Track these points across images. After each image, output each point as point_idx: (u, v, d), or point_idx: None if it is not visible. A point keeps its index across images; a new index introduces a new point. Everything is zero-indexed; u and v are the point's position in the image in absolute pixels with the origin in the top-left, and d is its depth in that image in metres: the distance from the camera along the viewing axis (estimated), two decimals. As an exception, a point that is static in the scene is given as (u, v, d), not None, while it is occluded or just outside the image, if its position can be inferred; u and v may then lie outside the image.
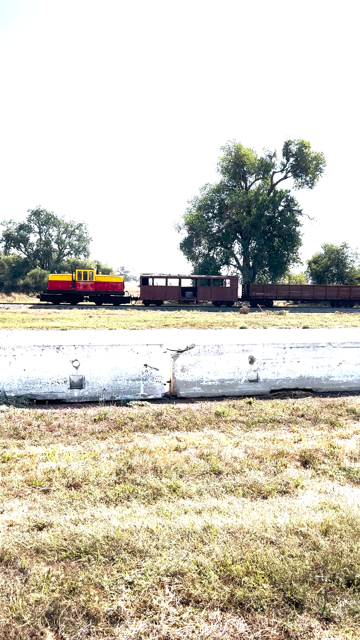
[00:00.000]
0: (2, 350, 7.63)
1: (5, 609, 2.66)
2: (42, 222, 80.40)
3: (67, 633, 2.52)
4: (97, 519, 3.68)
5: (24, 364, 7.66)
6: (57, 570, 3.02)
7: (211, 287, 44.15)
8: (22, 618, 2.59)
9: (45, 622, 2.59)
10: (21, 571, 3.01)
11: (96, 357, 7.93)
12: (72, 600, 2.75)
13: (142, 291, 43.34)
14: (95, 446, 5.43)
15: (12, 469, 4.66)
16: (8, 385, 7.52)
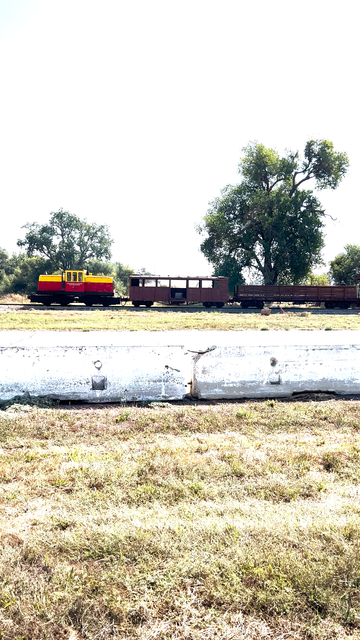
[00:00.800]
0: (26, 351, 7.74)
1: (30, 606, 2.70)
2: (65, 224, 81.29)
3: (90, 632, 2.55)
4: (120, 519, 3.70)
5: (48, 365, 7.75)
6: (80, 570, 3.05)
7: (200, 289, 44.10)
8: (46, 616, 2.63)
9: (69, 620, 2.62)
10: (45, 569, 3.05)
11: (118, 358, 7.98)
12: (94, 599, 2.77)
13: (131, 292, 43.56)
14: (117, 447, 5.47)
15: (35, 469, 4.72)
16: (32, 385, 7.62)
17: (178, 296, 43.75)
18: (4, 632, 2.52)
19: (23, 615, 2.63)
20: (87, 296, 42.97)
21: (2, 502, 4.01)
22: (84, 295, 42.90)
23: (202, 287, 44.21)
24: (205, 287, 44.32)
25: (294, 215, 56.06)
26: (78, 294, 42.81)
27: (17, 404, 7.15)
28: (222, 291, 43.72)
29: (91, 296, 42.98)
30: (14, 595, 2.78)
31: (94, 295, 43.00)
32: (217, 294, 43.70)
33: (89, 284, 43.01)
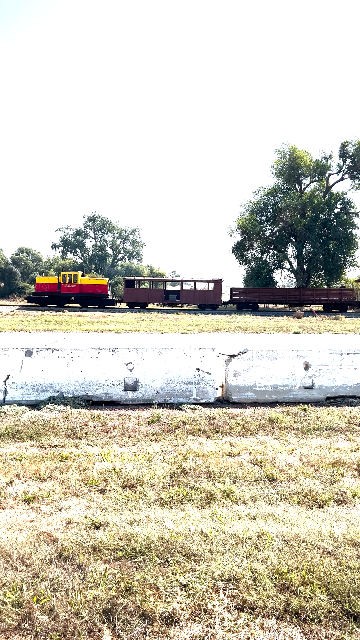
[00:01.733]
0: (60, 352, 7.87)
1: (65, 603, 2.74)
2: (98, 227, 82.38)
3: (123, 631, 2.57)
4: (152, 520, 3.73)
5: (81, 366, 7.87)
6: (113, 569, 3.09)
7: (194, 291, 44.06)
8: (81, 614, 2.67)
9: (103, 619, 2.65)
10: (79, 568, 3.09)
11: (150, 360, 8.03)
12: (128, 599, 2.80)
13: (125, 294, 43.74)
14: (149, 448, 5.50)
15: (69, 468, 4.79)
16: (66, 386, 7.75)
17: (172, 298, 43.86)
18: (40, 628, 2.57)
19: (58, 612, 2.68)
20: (82, 297, 43.34)
21: (38, 501, 4.09)
22: (79, 296, 43.30)
23: (196, 290, 44.30)
24: (199, 289, 44.38)
25: (327, 217, 55.26)
26: (73, 295, 43.25)
27: (52, 404, 7.28)
28: (215, 293, 43.55)
29: (86, 297, 43.36)
30: (49, 592, 2.84)
31: (89, 297, 43.39)
32: (211, 296, 43.61)
33: (84, 286, 43.43)
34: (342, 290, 45.67)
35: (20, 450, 5.32)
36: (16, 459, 5.03)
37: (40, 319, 27.29)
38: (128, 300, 43.68)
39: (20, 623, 2.61)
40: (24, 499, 4.10)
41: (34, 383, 7.71)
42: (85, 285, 43.44)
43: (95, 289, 43.50)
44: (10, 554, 3.20)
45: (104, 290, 43.48)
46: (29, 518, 3.80)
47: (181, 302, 43.96)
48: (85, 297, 43.23)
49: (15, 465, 4.82)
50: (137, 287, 44.27)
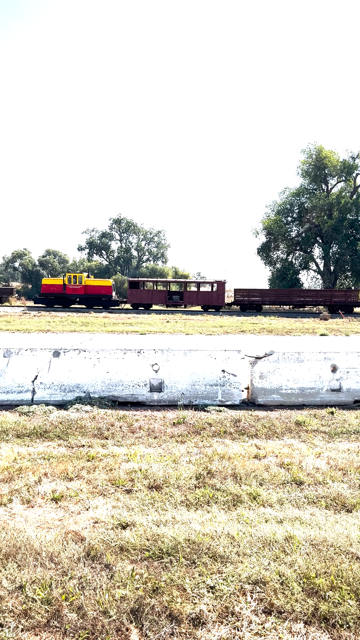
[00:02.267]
0: (87, 353, 7.96)
1: (93, 602, 2.77)
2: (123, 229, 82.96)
3: (151, 631, 2.58)
4: (178, 521, 3.73)
5: (107, 367, 7.93)
6: (140, 569, 3.10)
7: (198, 292, 44.01)
8: (109, 613, 2.69)
9: (130, 618, 2.67)
10: (107, 567, 3.12)
11: (175, 361, 8.05)
12: (155, 599, 2.81)
13: (129, 295, 43.87)
14: (175, 449, 5.51)
15: (96, 468, 4.84)
16: (92, 386, 7.82)
17: (175, 299, 43.82)
18: (68, 626, 2.60)
19: (87, 610, 2.71)
20: (87, 298, 43.73)
21: (65, 500, 4.14)
22: (84, 297, 43.69)
23: (199, 291, 44.38)
24: (202, 290, 44.40)
25: (355, 218, 54.40)
26: (78, 296, 43.63)
27: (79, 404, 7.36)
28: (219, 294, 43.35)
29: (91, 298, 43.72)
30: (77, 590, 2.87)
31: (94, 298, 43.73)
32: (214, 297, 43.46)
33: (89, 287, 43.86)
34: (347, 292, 45.11)
35: (48, 450, 5.40)
36: (44, 458, 5.10)
37: (67, 320, 27.61)
38: (132, 301, 44.02)
39: (50, 620, 2.65)
40: (52, 498, 4.16)
41: (61, 383, 7.81)
42: (90, 287, 43.92)
43: (100, 290, 43.94)
44: (39, 551, 3.25)
45: (108, 292, 43.90)
46: (57, 517, 3.85)
47: (184, 303, 44.10)
48: (90, 298, 43.63)
49: (43, 464, 4.89)
50: (141, 288, 44.54)
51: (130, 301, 43.96)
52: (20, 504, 4.07)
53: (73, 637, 2.54)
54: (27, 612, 2.69)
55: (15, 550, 3.26)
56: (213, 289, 43.79)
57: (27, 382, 7.73)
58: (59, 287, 43.82)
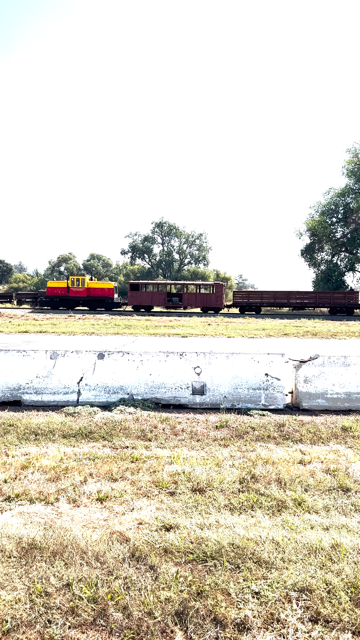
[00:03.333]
0: (130, 356, 8.05)
1: (138, 602, 2.80)
2: (165, 233, 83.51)
3: (195, 634, 2.58)
4: (222, 525, 3.72)
5: (150, 369, 8.00)
6: (184, 572, 3.11)
7: (196, 294, 44.35)
8: (153, 614, 2.71)
9: (175, 620, 2.67)
10: (151, 568, 3.14)
11: (217, 364, 8.03)
12: (199, 602, 2.81)
13: (130, 297, 44.45)
14: (218, 453, 5.49)
15: (140, 469, 4.88)
16: (136, 388, 7.90)
17: (175, 301, 44.52)
18: (114, 625, 2.63)
19: (132, 610, 2.73)
20: (89, 301, 44.79)
21: (110, 500, 4.20)
22: (87, 299, 44.75)
23: (198, 293, 44.77)
24: (201, 292, 44.77)
25: None
26: (81, 298, 44.72)
27: (122, 405, 7.45)
28: (217, 296, 43.63)
29: (93, 301, 44.76)
30: (123, 590, 2.90)
31: (96, 300, 44.74)
32: (213, 299, 43.76)
33: (92, 289, 44.83)
34: (346, 294, 44.46)
35: (93, 450, 5.49)
36: (90, 458, 5.19)
37: (110, 322, 28.02)
38: (132, 303, 44.63)
39: (96, 619, 2.69)
40: (97, 498, 4.22)
41: (105, 385, 7.93)
42: (93, 289, 44.93)
43: (102, 293, 44.92)
44: (85, 550, 3.31)
45: (110, 294, 44.76)
46: (102, 517, 3.91)
47: (183, 305, 44.57)
48: (92, 300, 44.72)
49: (89, 465, 4.98)
50: (141, 291, 45.16)
51: (131, 303, 44.76)
52: (67, 503, 4.15)
53: (119, 636, 2.57)
54: (74, 609, 2.74)
55: (62, 548, 3.33)
56: (212, 291, 44.21)
57: (72, 384, 7.89)
58: (63, 289, 45.06)
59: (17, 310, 41.44)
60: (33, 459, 5.11)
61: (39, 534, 3.52)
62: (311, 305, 44.72)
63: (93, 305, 44.99)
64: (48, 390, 7.84)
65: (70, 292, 44.77)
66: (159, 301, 44.47)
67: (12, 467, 4.88)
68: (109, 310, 43.80)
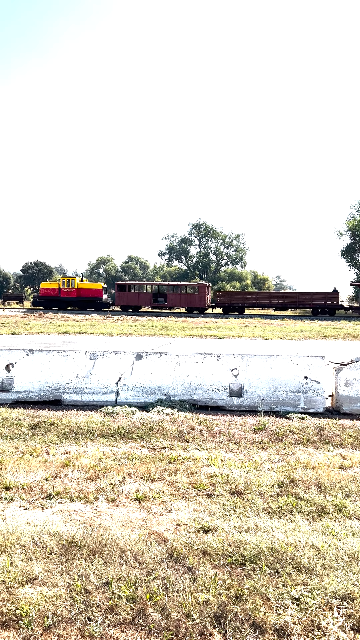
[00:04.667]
0: (167, 357, 8.08)
1: (176, 604, 2.80)
2: (202, 234, 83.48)
3: (234, 638, 2.56)
4: (261, 529, 3.68)
5: (187, 370, 8.01)
6: (223, 575, 3.09)
7: (181, 294, 45.23)
8: (192, 616, 2.70)
9: (214, 623, 2.66)
10: (189, 570, 3.14)
11: (255, 366, 7.96)
12: (238, 606, 2.78)
13: (117, 297, 45.69)
14: (256, 456, 5.44)
15: (178, 470, 4.89)
16: (173, 389, 7.93)
17: (160, 301, 45.29)
18: (153, 625, 2.64)
19: (170, 611, 2.74)
20: (80, 301, 45.97)
21: (148, 500, 4.22)
22: (77, 300, 45.95)
23: (182, 293, 45.62)
24: (185, 292, 45.66)
25: None
26: (72, 299, 45.95)
27: (160, 406, 7.49)
28: (201, 297, 44.39)
29: (83, 301, 45.94)
30: (161, 590, 2.91)
31: (86, 300, 45.92)
32: (197, 299, 44.55)
33: (82, 290, 46.06)
34: (327, 294, 44.44)
35: (131, 450, 5.54)
36: (128, 458, 5.24)
37: (148, 324, 28.23)
38: (119, 304, 45.67)
39: (135, 618, 2.70)
40: (135, 498, 4.25)
41: (143, 386, 7.98)
42: (83, 290, 46.19)
43: (91, 293, 46.16)
44: (124, 550, 3.34)
45: (99, 294, 46.03)
46: (140, 517, 3.94)
47: (168, 305, 45.21)
48: (82, 300, 45.98)
49: (127, 465, 5.02)
50: (128, 291, 46.05)
51: (118, 303, 45.89)
52: (106, 502, 4.20)
53: (157, 637, 2.58)
54: (113, 608, 2.77)
55: (102, 547, 3.37)
56: (195, 292, 44.98)
57: (111, 384, 7.98)
58: (55, 290, 46.47)
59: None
60: (73, 458, 5.20)
61: (78, 532, 3.57)
62: (293, 306, 45.19)
63: (83, 305, 46.32)
64: (87, 390, 7.96)
65: (61, 292, 46.28)
66: (145, 301, 45.56)
67: (52, 465, 4.98)
68: (99, 310, 45.07)
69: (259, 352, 8.12)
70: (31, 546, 3.38)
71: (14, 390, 7.98)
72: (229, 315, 42.70)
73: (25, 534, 3.53)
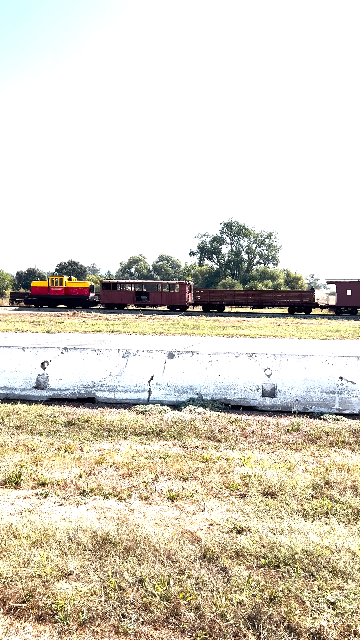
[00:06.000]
0: (199, 356, 8.07)
1: (210, 604, 2.79)
2: (234, 233, 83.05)
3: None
4: (295, 531, 3.63)
5: (219, 370, 7.98)
6: (257, 576, 3.06)
7: (162, 292, 46.25)
8: (226, 616, 2.69)
9: (247, 625, 2.64)
10: (223, 570, 3.12)
11: (288, 366, 7.87)
12: (272, 608, 2.75)
13: (102, 295, 46.57)
14: (290, 457, 5.38)
15: (210, 470, 4.88)
16: (205, 388, 7.91)
17: (143, 299, 46.15)
18: (186, 625, 2.64)
19: (204, 611, 2.73)
20: (67, 299, 47.03)
21: (181, 499, 4.23)
22: (65, 298, 47.04)
23: (163, 291, 46.60)
24: (165, 291, 46.67)
25: None
26: (60, 297, 47.08)
27: (192, 405, 7.48)
28: (181, 295, 45.09)
29: (71, 299, 46.97)
30: (195, 590, 2.90)
31: (74, 298, 46.94)
32: (177, 297, 45.28)
33: (69, 289, 47.21)
34: (302, 293, 45.28)
35: (164, 449, 5.55)
36: (161, 456, 5.25)
37: (179, 323, 28.27)
38: (104, 301, 46.63)
39: (168, 617, 2.71)
40: (168, 497, 4.26)
41: (175, 384, 8.00)
42: (70, 288, 47.34)
43: (79, 292, 47.26)
44: (157, 548, 3.35)
45: (86, 293, 47.12)
46: (173, 515, 3.94)
47: (150, 303, 46.14)
48: (70, 298, 47.03)
49: (160, 463, 5.04)
50: (113, 289, 46.94)
51: (103, 301, 46.89)
52: (139, 500, 4.22)
53: (191, 636, 2.58)
54: (147, 606, 2.78)
55: (135, 544, 3.39)
56: (176, 290, 45.71)
57: (143, 382, 8.03)
58: (45, 289, 47.63)
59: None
60: (106, 455, 5.25)
61: (112, 529, 3.60)
62: (269, 304, 45.62)
63: (71, 303, 47.45)
64: (120, 388, 8.03)
65: (50, 291, 47.48)
66: (129, 299, 46.49)
67: (86, 462, 5.04)
68: (86, 308, 46.22)
69: (292, 352, 8.02)
70: (66, 542, 3.43)
71: (49, 387, 8.12)
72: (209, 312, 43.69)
73: (60, 529, 3.59)
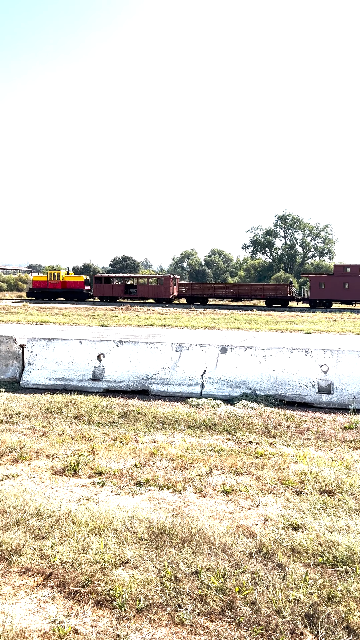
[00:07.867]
0: (253, 351, 8.01)
1: (266, 599, 2.77)
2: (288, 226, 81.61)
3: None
4: (353, 530, 3.54)
5: (273, 365, 7.88)
6: (314, 574, 3.01)
7: (148, 286, 47.99)
8: (282, 613, 2.66)
9: (305, 623, 2.61)
10: (279, 567, 3.09)
11: (346, 363, 7.67)
12: (330, 608, 2.70)
13: (95, 289, 48.75)
14: (348, 455, 5.25)
15: (265, 465, 4.84)
16: (258, 384, 7.84)
17: (132, 292, 48.30)
18: (242, 619, 2.64)
19: (260, 606, 2.71)
20: (65, 292, 48.96)
21: (235, 494, 4.22)
22: (62, 291, 48.90)
23: (149, 285, 48.19)
24: (151, 284, 48.18)
25: None
26: (58, 290, 48.93)
27: (245, 400, 7.44)
28: (165, 288, 46.56)
29: (68, 292, 48.94)
30: (250, 585, 2.89)
31: (70, 292, 48.90)
32: (162, 290, 46.85)
33: (67, 282, 49.15)
34: (277, 286, 46.56)
35: (217, 443, 5.56)
36: (214, 450, 5.26)
37: (231, 317, 28.14)
38: (97, 294, 48.65)
39: (224, 610, 2.71)
40: (222, 490, 4.26)
41: (227, 379, 7.97)
42: (68, 282, 49.21)
43: (75, 285, 49.20)
44: (212, 541, 3.36)
45: (81, 286, 49.09)
46: (227, 509, 3.94)
47: (138, 296, 47.94)
48: (67, 292, 48.97)
49: (213, 457, 5.05)
50: (105, 283, 48.77)
51: (96, 294, 49.03)
52: (193, 492, 4.25)
53: (247, 630, 2.57)
54: (202, 597, 2.79)
55: (190, 536, 3.42)
56: (160, 284, 47.26)
57: (196, 376, 8.05)
58: (44, 283, 49.70)
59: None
60: (161, 447, 5.31)
61: (167, 520, 3.65)
62: (246, 297, 46.71)
63: (68, 296, 49.24)
64: (173, 382, 8.09)
65: (49, 285, 49.35)
66: (118, 292, 48.45)
67: (142, 453, 5.12)
68: (82, 301, 48.22)
69: (350, 348, 7.80)
70: (123, 530, 3.50)
71: (105, 379, 8.29)
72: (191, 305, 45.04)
73: (117, 518, 3.66)
